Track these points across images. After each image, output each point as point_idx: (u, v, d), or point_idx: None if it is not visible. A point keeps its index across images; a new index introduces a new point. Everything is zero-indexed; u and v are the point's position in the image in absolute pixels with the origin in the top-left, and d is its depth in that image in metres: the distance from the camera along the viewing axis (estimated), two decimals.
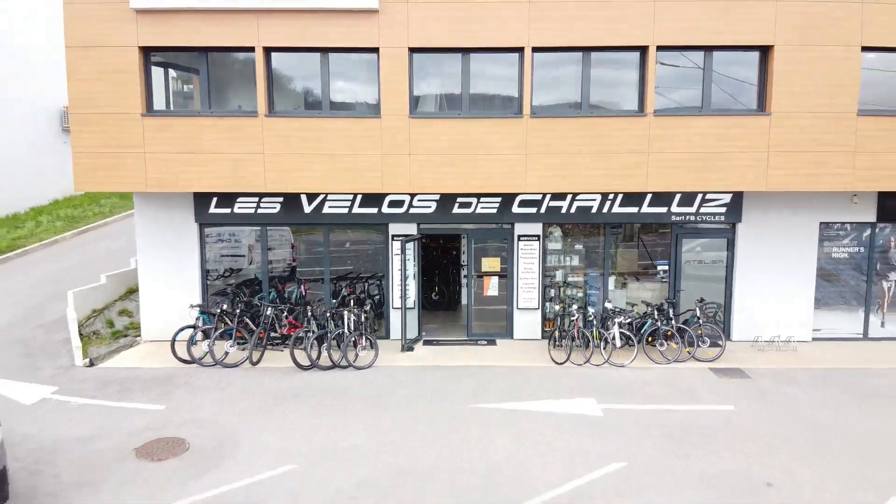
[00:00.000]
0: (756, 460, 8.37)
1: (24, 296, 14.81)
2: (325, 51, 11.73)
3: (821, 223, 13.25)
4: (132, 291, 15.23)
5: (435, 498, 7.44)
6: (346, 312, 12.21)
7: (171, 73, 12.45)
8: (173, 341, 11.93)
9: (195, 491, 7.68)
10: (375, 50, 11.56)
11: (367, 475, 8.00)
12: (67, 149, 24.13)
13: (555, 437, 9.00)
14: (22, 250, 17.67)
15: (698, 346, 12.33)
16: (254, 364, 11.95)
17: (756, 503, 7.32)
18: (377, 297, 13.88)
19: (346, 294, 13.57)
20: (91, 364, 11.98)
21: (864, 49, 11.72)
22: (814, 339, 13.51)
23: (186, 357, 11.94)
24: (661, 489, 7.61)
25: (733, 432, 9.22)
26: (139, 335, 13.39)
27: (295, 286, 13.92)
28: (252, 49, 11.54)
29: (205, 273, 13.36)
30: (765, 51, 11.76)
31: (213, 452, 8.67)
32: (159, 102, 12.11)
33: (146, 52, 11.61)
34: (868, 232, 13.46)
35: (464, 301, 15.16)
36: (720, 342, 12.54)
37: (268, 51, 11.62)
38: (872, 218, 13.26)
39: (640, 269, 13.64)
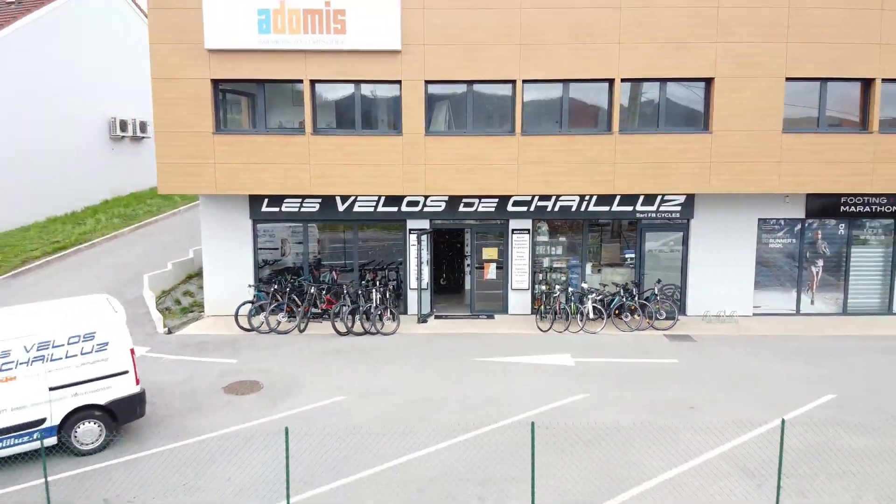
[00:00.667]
0: (686, 393, 11.23)
1: (103, 280, 17.62)
2: (357, 82, 14.59)
3: (759, 219, 16.08)
4: (191, 276, 18.08)
5: (450, 413, 10.31)
6: (374, 291, 15.07)
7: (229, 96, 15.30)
8: (236, 314, 14.80)
9: (275, 413, 10.55)
10: (398, 82, 14.40)
11: (399, 401, 10.86)
12: (115, 155, 26.98)
13: (538, 379, 11.87)
14: (90, 243, 20.49)
15: (656, 318, 15.21)
16: (301, 331, 14.81)
17: (679, 419, 10.18)
18: (394, 281, 16.69)
19: (369, 279, 16.38)
20: (169, 332, 14.83)
21: (788, 79, 14.57)
22: (754, 315, 16.35)
23: (247, 326, 14.80)
24: (611, 410, 10.47)
25: (673, 376, 12.08)
26: (202, 311, 16.22)
27: (327, 272, 16.74)
28: (301, 81, 14.39)
29: (257, 259, 16.21)
30: (708, 81, 14.60)
31: (282, 389, 11.54)
32: (224, 121, 14.97)
33: (216, 82, 14.45)
34: (799, 226, 16.29)
35: (467, 286, 17.90)
36: (675, 316, 15.38)
37: (313, 82, 14.45)
38: (802, 215, 16.10)
39: (613, 257, 16.49)
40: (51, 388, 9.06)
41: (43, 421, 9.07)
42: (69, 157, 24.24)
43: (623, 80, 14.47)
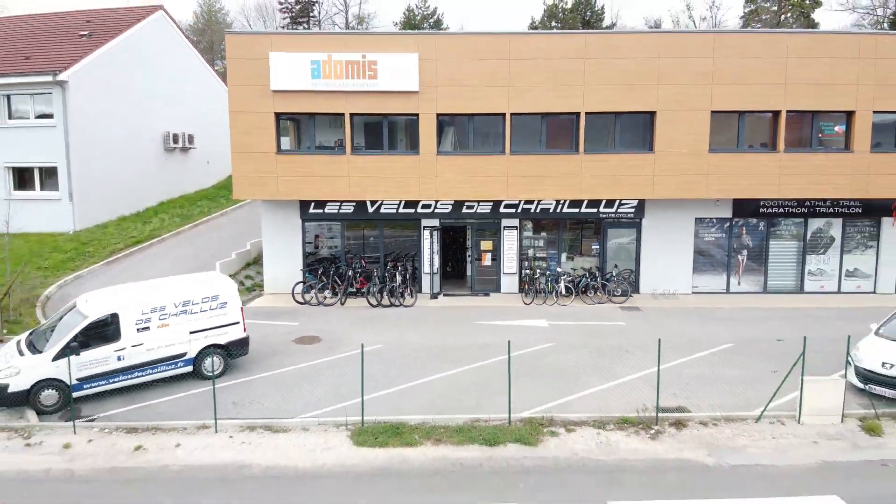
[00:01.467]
0: (626, 343, 15.56)
1: (180, 267, 21.86)
2: (385, 115, 18.89)
3: (696, 218, 20.36)
4: (249, 264, 22.39)
5: (456, 354, 14.66)
6: (397, 273, 19.40)
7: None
8: (293, 291, 19.14)
9: (334, 355, 14.88)
10: (416, 115, 18.69)
11: (420, 347, 15.21)
12: (168, 163, 31.25)
13: (520, 334, 16.19)
14: (160, 238, 24.79)
15: (614, 294, 19.54)
16: (342, 304, 19.14)
17: (616, 359, 14.50)
18: (411, 268, 20.94)
19: (391, 265, 20.66)
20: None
21: (713, 112, 18.85)
22: (693, 293, 20.64)
23: (301, 300, 19.12)
24: (570, 352, 14.80)
25: (620, 332, 16.41)
26: (262, 290, 20.53)
27: (358, 260, 21.01)
28: (342, 114, 18.69)
29: (305, 250, 20.53)
30: (652, 114, 18.89)
31: (336, 341, 15.87)
32: (284, 143, 19.28)
33: (277, 115, 18.75)
34: (727, 224, 20.59)
35: (468, 271, 22.13)
36: (629, 293, 19.70)
37: (352, 115, 18.74)
38: (729, 215, 20.41)
39: (583, 248, 20.81)
40: (190, 332, 13.38)
41: (184, 355, 13.40)
42: (133, 165, 28.50)
43: (587, 114, 18.75)
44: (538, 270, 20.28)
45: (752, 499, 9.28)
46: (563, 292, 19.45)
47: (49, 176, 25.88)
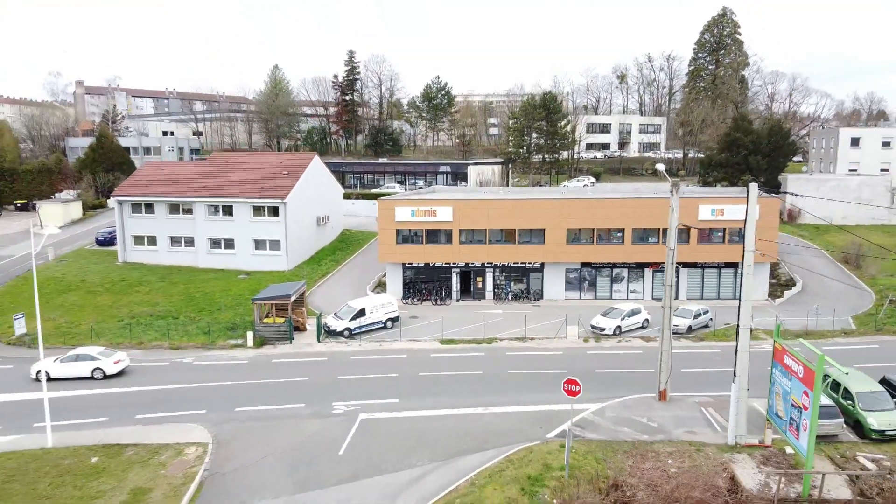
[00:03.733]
0: (531, 316, 42.21)
1: (350, 288, 48.13)
2: (438, 229, 45.54)
3: (566, 268, 46.80)
4: (377, 286, 49.06)
5: (468, 321, 41.35)
6: (443, 290, 46.17)
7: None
8: (400, 299, 45.87)
9: (426, 322, 41.56)
10: (451, 229, 45.22)
11: (456, 318, 41.80)
12: (317, 232, 57.80)
13: (490, 315, 42.77)
14: (331, 274, 51.14)
15: (532, 300, 46.22)
16: (420, 304, 45.78)
17: (522, 322, 41.21)
18: (447, 288, 47.39)
19: (438, 286, 47.11)
20: None
21: (567, 229, 45.41)
22: (565, 299, 47.09)
23: (403, 303, 45.72)
24: (507, 320, 41.27)
25: (528, 314, 43.12)
26: None
27: (424, 284, 47.55)
28: (422, 229, 45.28)
29: (403, 280, 47.20)
30: (544, 229, 45.36)
31: (424, 317, 42.45)
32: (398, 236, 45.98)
33: (396, 230, 45.43)
34: (579, 270, 47.02)
35: (471, 290, 48.35)
36: (539, 299, 46.30)
37: (426, 230, 45.38)
38: (579, 267, 46.89)
39: (519, 280, 47.40)
40: (384, 313, 40.14)
41: (381, 321, 40.08)
42: (306, 234, 55.15)
43: (519, 229, 45.33)
44: (501, 289, 46.97)
45: (530, 352, 35.94)
46: (510, 299, 46.16)
47: (273, 242, 52.64)
